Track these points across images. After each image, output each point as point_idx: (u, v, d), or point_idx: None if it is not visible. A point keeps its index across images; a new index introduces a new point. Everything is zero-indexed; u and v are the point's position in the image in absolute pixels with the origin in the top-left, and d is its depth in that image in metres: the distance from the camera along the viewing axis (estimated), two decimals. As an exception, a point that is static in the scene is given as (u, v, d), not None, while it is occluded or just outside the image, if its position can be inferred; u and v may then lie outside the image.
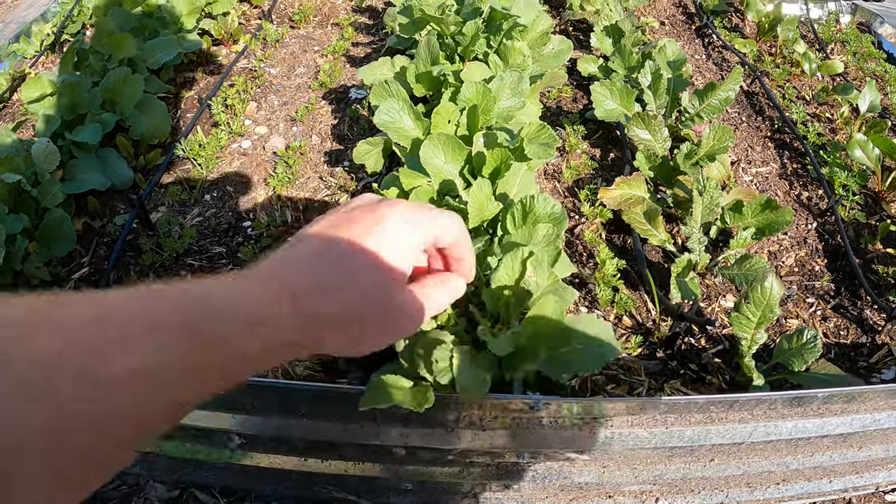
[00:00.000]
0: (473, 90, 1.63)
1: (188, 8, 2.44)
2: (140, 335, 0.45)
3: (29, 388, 0.39)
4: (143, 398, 0.44)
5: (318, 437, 1.36)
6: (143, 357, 0.44)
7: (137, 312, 0.46)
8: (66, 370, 0.40)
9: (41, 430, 0.39)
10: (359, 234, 0.61)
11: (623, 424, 1.22)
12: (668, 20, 2.93)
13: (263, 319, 0.52)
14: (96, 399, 0.41)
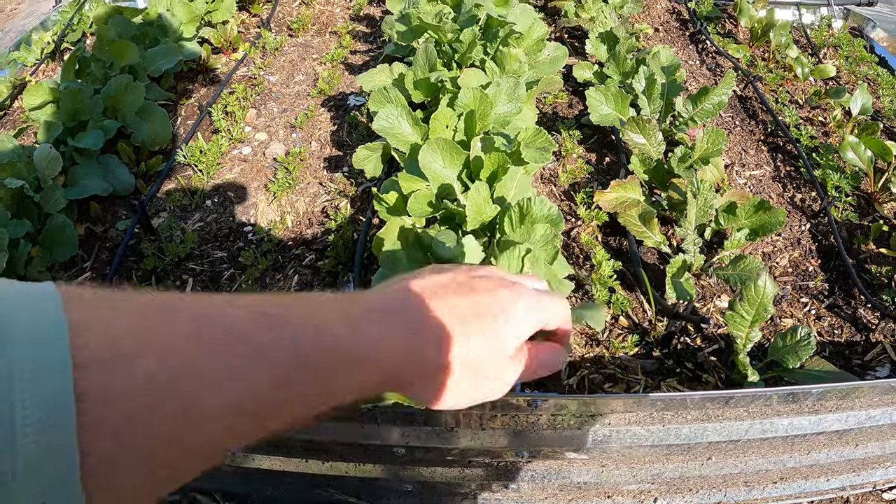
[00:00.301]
0: (471, 96, 1.65)
1: (188, 16, 2.47)
2: (242, 369, 0.44)
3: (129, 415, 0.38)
4: (235, 430, 0.44)
5: (319, 437, 1.37)
6: (242, 394, 0.43)
7: (239, 340, 0.45)
8: (167, 403, 0.40)
9: (134, 465, 0.38)
10: (485, 327, 0.63)
11: (620, 422, 1.23)
12: (662, 27, 2.96)
13: (379, 364, 0.53)
14: (190, 434, 0.41)
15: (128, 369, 0.38)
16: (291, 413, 0.47)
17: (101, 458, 0.36)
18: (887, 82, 2.46)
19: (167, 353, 0.41)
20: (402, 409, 1.23)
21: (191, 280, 1.68)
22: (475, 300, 0.63)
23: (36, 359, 0.35)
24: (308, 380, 0.47)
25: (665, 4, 3.14)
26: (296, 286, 1.64)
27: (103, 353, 0.38)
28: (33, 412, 0.34)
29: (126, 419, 0.38)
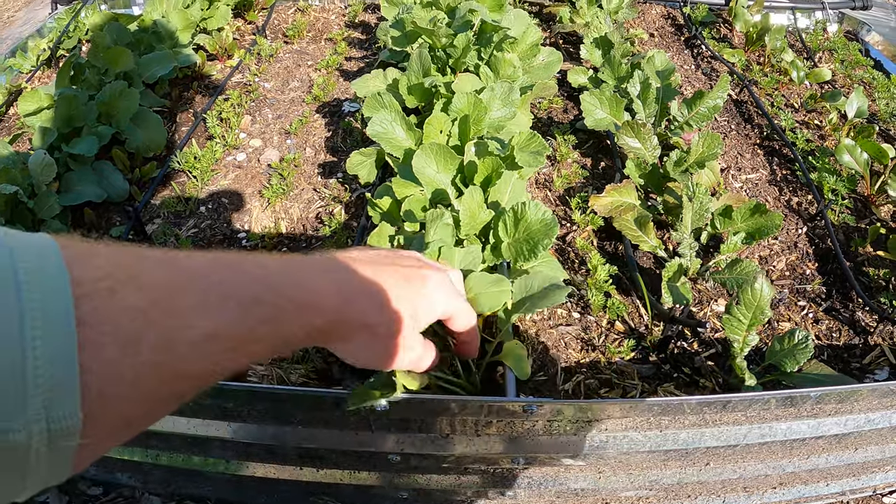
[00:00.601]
0: (465, 101, 1.64)
1: (183, 23, 2.47)
2: (216, 304, 0.52)
3: (119, 337, 0.44)
4: (211, 359, 0.51)
5: (313, 444, 1.36)
6: (217, 324, 0.51)
7: (211, 283, 0.53)
8: (151, 330, 0.46)
9: (125, 382, 0.45)
10: (405, 276, 0.77)
11: (617, 427, 1.22)
12: (656, 32, 2.96)
13: (319, 309, 0.63)
14: (172, 359, 0.48)
15: (116, 299, 0.45)
16: (255, 347, 0.56)
17: (97, 376, 0.42)
18: (883, 85, 2.46)
19: (148, 289, 0.47)
20: (396, 416, 1.22)
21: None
22: (402, 271, 0.76)
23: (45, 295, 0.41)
24: (265, 316, 0.56)
25: (660, 10, 3.14)
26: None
27: (95, 286, 0.44)
28: (42, 331, 0.40)
29: (117, 344, 0.44)
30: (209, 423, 1.37)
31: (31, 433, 0.39)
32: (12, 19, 4.58)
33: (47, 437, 0.40)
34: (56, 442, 0.41)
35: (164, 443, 1.48)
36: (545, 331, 1.48)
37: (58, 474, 0.43)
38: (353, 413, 1.21)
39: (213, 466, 1.53)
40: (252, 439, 1.38)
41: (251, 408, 1.28)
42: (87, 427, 0.42)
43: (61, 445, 0.41)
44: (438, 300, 0.82)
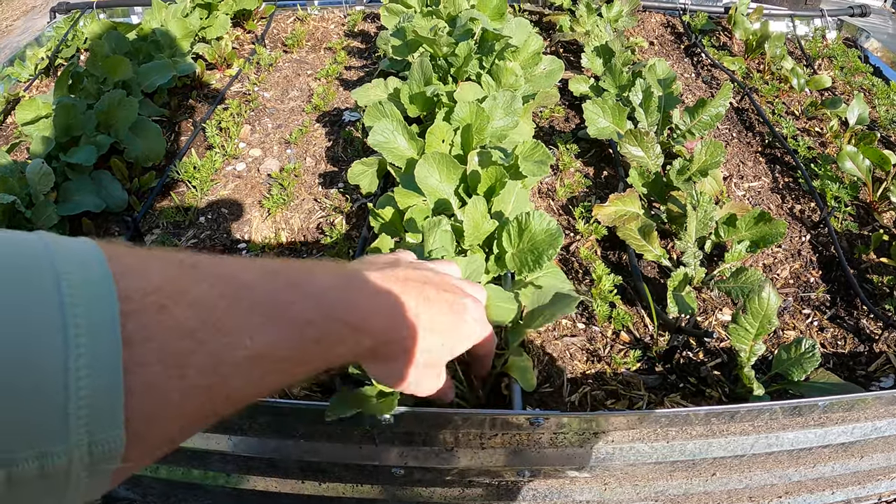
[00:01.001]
0: (467, 110, 1.64)
1: (182, 32, 2.46)
2: (267, 324, 0.50)
3: (166, 358, 0.43)
4: (257, 381, 0.50)
5: (315, 458, 1.35)
6: (266, 345, 0.50)
7: (263, 300, 0.51)
8: (200, 350, 0.45)
9: (171, 405, 0.43)
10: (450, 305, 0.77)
11: (624, 439, 1.21)
12: (656, 40, 2.97)
13: (369, 332, 0.63)
14: (218, 381, 0.46)
15: (165, 316, 0.43)
16: (301, 368, 0.55)
17: (141, 399, 0.41)
18: (883, 92, 2.47)
19: (198, 306, 0.45)
20: (400, 429, 1.21)
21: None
22: (447, 299, 0.76)
23: (90, 311, 0.39)
24: (316, 337, 0.55)
25: (659, 18, 3.14)
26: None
27: (143, 301, 0.42)
28: (86, 351, 0.38)
29: (164, 364, 0.42)
30: (209, 437, 1.36)
31: (72, 458, 0.38)
32: (10, 28, 4.58)
33: (89, 461, 0.39)
34: (97, 465, 0.39)
35: (164, 456, 1.46)
36: (550, 342, 1.47)
37: (94, 493, 0.41)
38: (352, 425, 1.20)
39: (213, 480, 1.51)
40: (253, 453, 1.36)
41: (252, 421, 1.27)
42: (128, 450, 0.41)
43: (101, 469, 0.40)
44: (475, 332, 0.82)
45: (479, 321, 0.83)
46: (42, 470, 0.36)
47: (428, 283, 0.75)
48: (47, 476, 0.37)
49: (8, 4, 5.84)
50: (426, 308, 0.72)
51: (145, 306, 0.42)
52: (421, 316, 0.71)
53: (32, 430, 0.36)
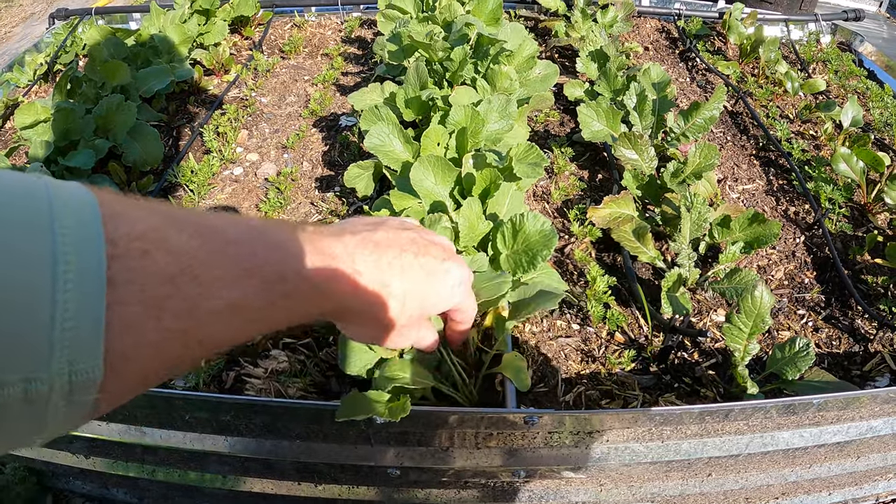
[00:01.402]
0: (462, 113, 1.65)
1: (180, 38, 2.48)
2: (242, 277, 0.53)
3: (145, 300, 0.45)
4: (231, 328, 0.53)
5: (311, 459, 1.35)
6: (240, 296, 0.53)
7: (242, 256, 0.54)
8: (177, 296, 0.47)
9: (147, 344, 0.46)
10: (428, 270, 0.77)
11: (619, 438, 1.21)
12: (651, 45, 2.98)
13: (334, 295, 0.65)
14: (194, 326, 0.49)
15: (147, 261, 0.46)
16: (273, 320, 0.58)
17: (120, 335, 0.43)
18: (877, 95, 2.48)
19: (178, 254, 0.48)
20: (395, 429, 1.21)
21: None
22: (425, 264, 0.77)
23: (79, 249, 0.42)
24: (286, 292, 0.58)
25: (654, 23, 3.16)
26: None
27: (128, 246, 0.45)
28: (74, 287, 0.41)
29: (143, 305, 0.45)
30: (206, 438, 1.36)
31: (52, 386, 0.40)
32: (9, 35, 4.60)
33: (68, 389, 0.41)
34: (75, 395, 0.42)
35: (161, 458, 1.46)
36: (545, 342, 1.48)
37: (71, 425, 0.44)
38: (348, 425, 1.20)
39: (209, 482, 1.51)
40: (249, 454, 1.36)
41: (249, 421, 1.27)
42: (106, 382, 0.43)
43: (80, 399, 0.42)
44: (454, 295, 0.83)
45: (458, 287, 0.83)
46: (26, 395, 0.39)
47: (407, 249, 0.75)
48: (31, 402, 0.40)
49: (7, 11, 5.87)
50: (399, 274, 0.73)
51: (129, 251, 0.45)
52: (391, 284, 0.72)
53: (20, 355, 0.39)
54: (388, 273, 0.72)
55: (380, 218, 0.81)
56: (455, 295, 0.83)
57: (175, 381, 1.47)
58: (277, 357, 1.48)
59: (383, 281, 0.71)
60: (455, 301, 0.84)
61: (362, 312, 0.71)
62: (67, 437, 1.47)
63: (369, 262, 0.70)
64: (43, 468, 1.68)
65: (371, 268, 0.70)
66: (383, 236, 0.74)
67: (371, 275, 0.70)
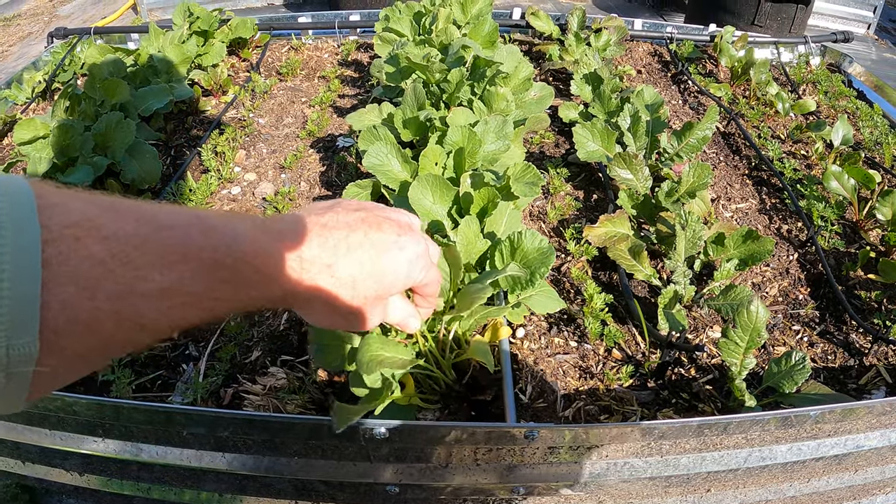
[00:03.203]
0: (460, 134, 1.67)
1: (179, 58, 2.50)
2: (175, 261, 0.54)
3: (78, 282, 0.48)
4: (166, 312, 0.54)
5: (309, 476, 1.34)
6: (173, 280, 0.54)
7: (177, 241, 0.55)
8: (109, 279, 0.50)
9: (80, 322, 0.48)
10: (381, 248, 0.75)
11: (618, 453, 1.22)
12: (644, 68, 3.03)
13: (279, 281, 0.64)
14: (127, 308, 0.51)
15: (79, 246, 0.48)
16: (214, 304, 0.58)
17: (54, 313, 0.46)
18: (866, 114, 2.53)
19: (111, 240, 0.50)
20: (395, 445, 1.21)
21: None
22: (377, 241, 0.75)
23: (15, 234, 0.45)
24: (225, 278, 0.58)
25: (647, 47, 3.22)
26: (285, 323, 1.62)
27: (61, 232, 0.48)
28: (9, 266, 0.44)
29: (75, 287, 0.48)
30: (203, 455, 1.35)
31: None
32: (6, 54, 4.63)
33: (6, 363, 0.44)
34: (14, 368, 0.45)
35: (157, 475, 1.45)
36: (543, 359, 1.48)
37: (15, 395, 0.47)
38: (347, 440, 1.20)
39: (206, 501, 1.50)
40: (248, 471, 1.36)
41: (247, 437, 1.27)
42: (43, 357, 0.46)
43: (17, 371, 0.45)
44: (412, 272, 0.81)
45: (417, 262, 0.80)
46: None
47: (357, 228, 0.74)
48: None
49: (4, 30, 5.91)
50: (346, 255, 0.71)
51: (63, 236, 0.48)
52: (336, 265, 0.70)
53: None
54: (334, 254, 0.70)
55: (334, 201, 0.79)
56: (414, 270, 0.81)
57: (173, 397, 1.47)
58: (276, 374, 1.48)
59: (328, 263, 0.70)
60: (416, 277, 0.82)
61: (312, 298, 0.70)
62: (62, 454, 1.46)
63: (314, 244, 0.69)
64: (36, 485, 1.66)
65: (316, 251, 0.69)
66: (332, 218, 0.73)
67: (317, 258, 0.69)
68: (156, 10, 6.01)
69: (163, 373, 1.53)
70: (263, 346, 1.56)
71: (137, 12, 6.07)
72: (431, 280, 0.87)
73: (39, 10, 6.69)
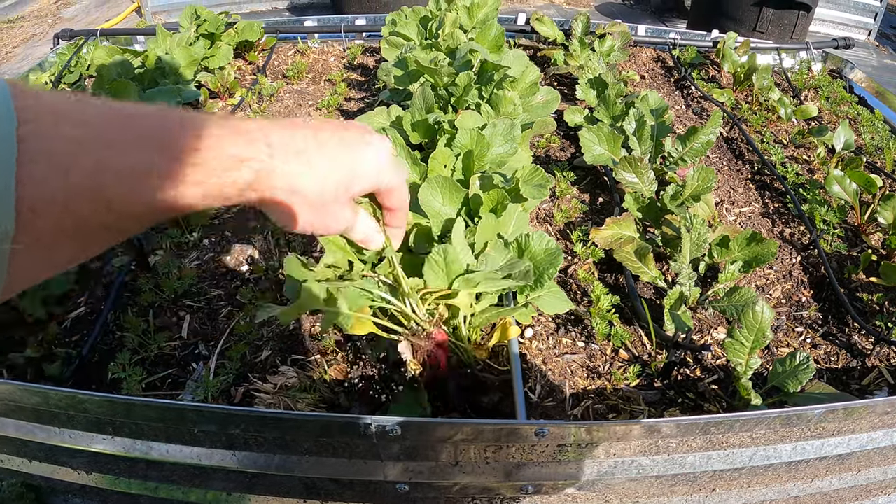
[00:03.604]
0: (468, 136, 1.69)
1: (187, 60, 2.53)
2: (149, 145, 0.56)
3: (53, 159, 0.49)
4: (139, 192, 0.55)
5: (320, 474, 1.36)
6: (147, 161, 0.55)
7: (153, 127, 0.57)
8: (84, 157, 0.51)
9: (56, 202, 0.49)
10: (345, 140, 0.76)
11: (626, 451, 1.23)
12: (647, 74, 3.06)
13: (248, 164, 0.65)
14: (101, 186, 0.52)
15: (57, 127, 0.50)
16: (186, 189, 0.59)
17: (30, 189, 0.47)
18: (867, 120, 2.55)
19: (88, 125, 0.52)
20: (405, 441, 1.23)
21: (188, 317, 1.68)
22: (342, 135, 0.76)
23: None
24: (196, 161, 0.59)
25: (650, 53, 3.25)
26: (295, 322, 1.64)
27: (38, 113, 0.49)
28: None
29: (50, 165, 0.49)
30: (214, 453, 1.36)
31: None
32: (10, 55, 4.65)
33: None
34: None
35: (166, 474, 1.46)
36: (552, 359, 1.50)
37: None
38: (358, 438, 1.21)
39: (213, 500, 1.52)
40: (258, 469, 1.37)
41: (258, 435, 1.28)
42: (18, 234, 0.47)
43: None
44: (381, 168, 0.81)
45: (383, 158, 0.81)
46: None
47: (323, 128, 0.75)
48: None
49: (8, 32, 5.94)
50: (316, 148, 0.72)
51: (39, 117, 0.49)
52: (307, 152, 0.71)
53: None
54: (304, 145, 0.71)
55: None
56: (382, 167, 0.81)
57: (183, 395, 1.48)
58: (286, 373, 1.50)
59: (299, 150, 0.71)
60: (385, 177, 0.82)
61: (282, 188, 0.70)
62: (70, 452, 1.47)
63: (284, 135, 0.70)
64: (41, 484, 1.67)
65: (287, 140, 0.70)
66: (296, 121, 0.74)
67: (288, 144, 0.70)
68: (160, 13, 6.05)
69: (173, 371, 1.55)
70: (273, 345, 1.58)
71: (142, 15, 6.10)
72: (398, 184, 0.86)
73: (43, 13, 6.72)
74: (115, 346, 1.60)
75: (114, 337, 1.63)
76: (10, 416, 1.41)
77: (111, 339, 1.63)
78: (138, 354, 1.57)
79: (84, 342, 1.60)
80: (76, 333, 1.66)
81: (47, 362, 1.56)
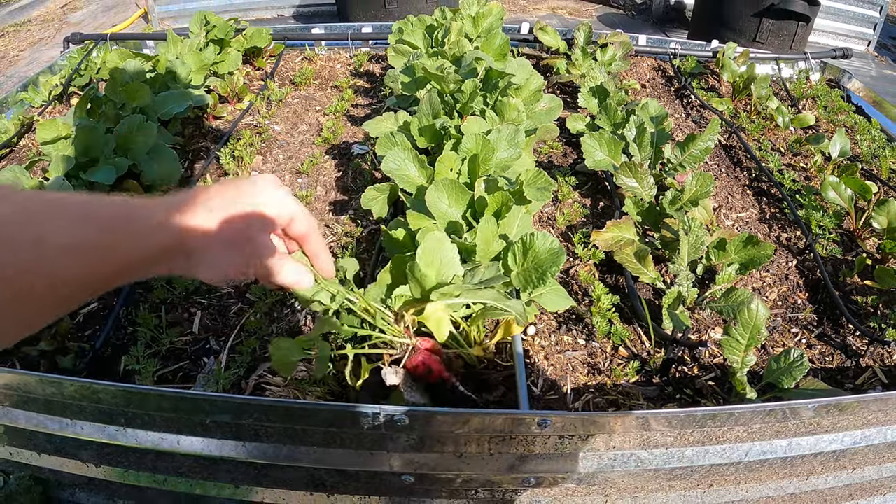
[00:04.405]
0: (474, 141, 1.74)
1: (197, 65, 2.58)
2: (77, 221, 0.63)
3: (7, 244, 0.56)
4: (72, 266, 0.61)
5: (328, 465, 1.39)
6: (77, 237, 0.62)
7: (78, 202, 0.65)
8: (19, 234, 0.58)
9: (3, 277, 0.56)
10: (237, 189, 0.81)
11: (625, 444, 1.27)
12: (648, 83, 3.11)
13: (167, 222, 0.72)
14: (36, 261, 0.58)
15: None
16: (113, 258, 0.66)
17: None
18: (864, 128, 2.60)
19: (20, 205, 0.59)
20: (413, 434, 1.26)
21: (199, 313, 1.72)
22: (235, 187, 0.81)
23: None
24: (125, 232, 0.67)
25: (651, 62, 3.30)
26: (305, 319, 1.68)
27: None
28: None
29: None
30: (224, 443, 1.40)
31: None
32: (17, 58, 4.71)
33: None
34: None
35: (175, 465, 1.49)
36: (553, 356, 1.54)
37: None
38: (367, 428, 1.25)
39: (220, 492, 1.54)
40: (267, 459, 1.40)
41: (269, 425, 1.31)
42: None
43: None
44: (276, 196, 0.83)
45: (276, 192, 0.83)
46: None
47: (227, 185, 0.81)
48: None
49: (15, 35, 6.01)
50: (214, 205, 0.77)
51: None
52: (211, 202, 0.77)
53: None
54: (207, 198, 0.77)
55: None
56: (273, 200, 0.82)
57: (195, 388, 1.52)
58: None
59: (202, 215, 0.76)
60: (279, 208, 0.83)
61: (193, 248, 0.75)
62: (79, 444, 1.50)
63: (191, 195, 0.76)
64: (49, 477, 1.70)
65: (195, 199, 0.76)
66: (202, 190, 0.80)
67: (199, 202, 0.76)
68: (167, 19, 6.11)
69: (184, 364, 1.58)
70: (283, 340, 1.62)
71: (148, 21, 6.17)
72: (297, 211, 0.87)
73: (50, 17, 6.79)
74: (126, 341, 1.64)
75: (125, 332, 1.67)
76: (22, 407, 1.44)
77: (123, 333, 1.67)
78: (150, 348, 1.61)
79: (97, 336, 1.64)
80: (88, 328, 1.70)
81: (60, 355, 1.60)
